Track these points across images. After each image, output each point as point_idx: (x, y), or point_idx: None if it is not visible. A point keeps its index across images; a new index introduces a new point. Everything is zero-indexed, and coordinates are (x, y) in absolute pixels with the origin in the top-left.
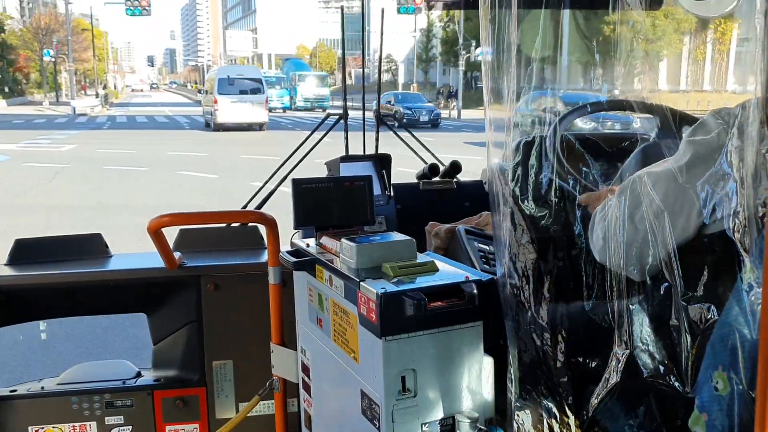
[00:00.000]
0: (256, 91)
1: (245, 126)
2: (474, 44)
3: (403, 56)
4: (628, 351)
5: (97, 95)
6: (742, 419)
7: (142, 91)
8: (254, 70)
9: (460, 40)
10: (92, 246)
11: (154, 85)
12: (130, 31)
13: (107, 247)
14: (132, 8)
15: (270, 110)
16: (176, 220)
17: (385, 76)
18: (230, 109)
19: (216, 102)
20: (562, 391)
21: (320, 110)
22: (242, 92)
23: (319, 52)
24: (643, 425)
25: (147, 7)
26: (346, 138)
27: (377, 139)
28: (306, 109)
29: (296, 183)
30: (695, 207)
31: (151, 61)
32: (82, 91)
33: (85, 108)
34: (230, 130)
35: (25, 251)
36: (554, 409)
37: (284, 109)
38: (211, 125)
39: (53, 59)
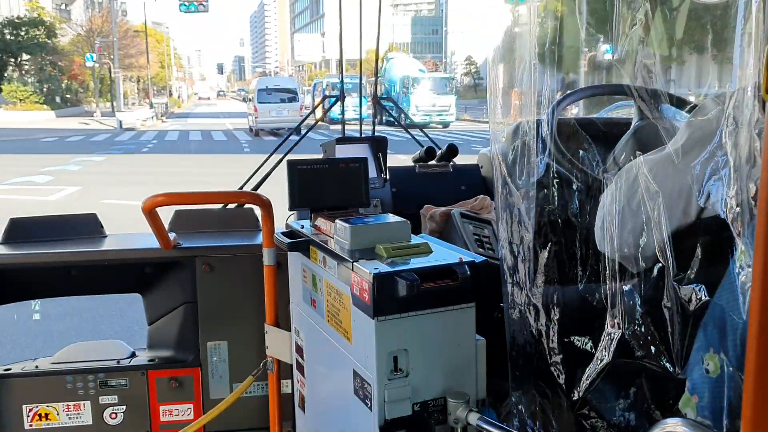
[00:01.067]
0: (291, 99)
1: (283, 132)
2: (601, 40)
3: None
4: (620, 331)
5: (151, 105)
6: (732, 402)
7: (208, 99)
8: (290, 81)
9: (582, 35)
10: (87, 226)
11: (221, 93)
12: (200, 38)
13: (102, 227)
14: (186, 3)
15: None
16: (171, 200)
17: (466, 79)
18: (267, 115)
19: (256, 110)
20: (555, 371)
21: (441, 127)
22: (282, 101)
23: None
24: (633, 406)
25: (204, 3)
26: (343, 120)
27: (374, 123)
28: (424, 126)
29: (291, 164)
30: (694, 190)
31: (220, 69)
32: (146, 100)
33: (135, 121)
34: (270, 134)
35: (19, 230)
36: (547, 390)
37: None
38: (253, 130)
39: (97, 64)
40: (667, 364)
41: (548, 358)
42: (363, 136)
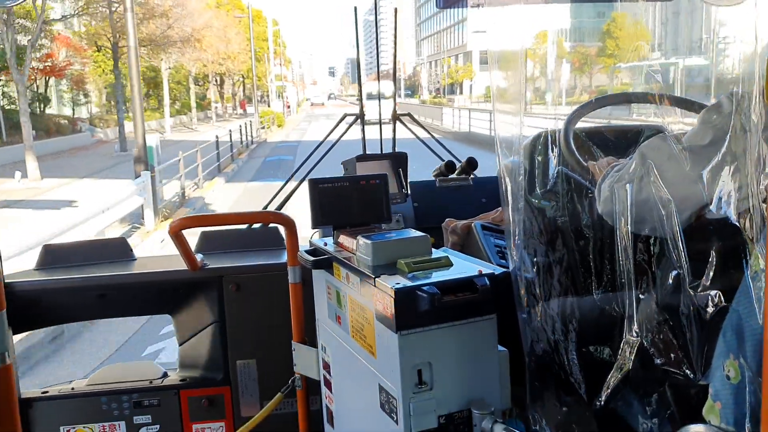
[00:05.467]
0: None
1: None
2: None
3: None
4: (638, 340)
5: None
6: (754, 407)
7: (322, 104)
8: (389, 85)
9: None
10: (117, 250)
11: (332, 95)
12: (312, 42)
13: (131, 250)
14: None
15: None
16: (196, 222)
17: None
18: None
19: (364, 106)
20: (574, 381)
21: None
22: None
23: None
24: (657, 413)
25: None
26: (363, 138)
27: (394, 139)
28: None
29: (313, 183)
30: (700, 190)
31: (331, 72)
32: (240, 110)
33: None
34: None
35: (53, 256)
36: (569, 399)
37: None
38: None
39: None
40: (688, 371)
41: (567, 368)
42: (383, 152)
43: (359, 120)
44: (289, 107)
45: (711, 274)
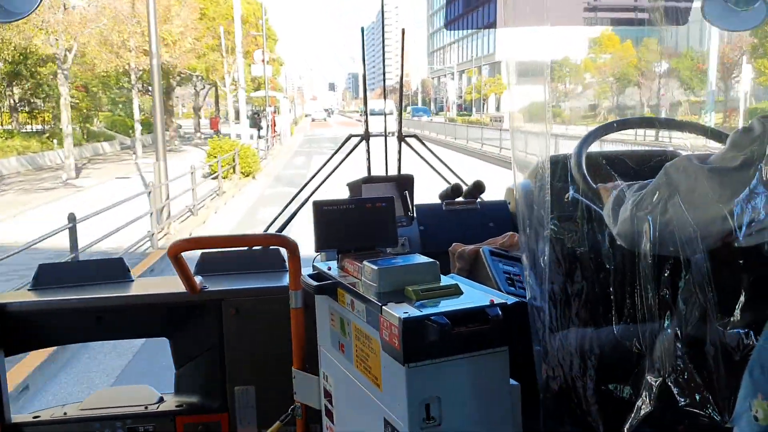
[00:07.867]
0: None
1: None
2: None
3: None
4: (660, 378)
5: None
6: None
7: (324, 120)
8: (390, 103)
9: None
10: (114, 270)
11: (330, 111)
12: (311, 59)
13: (129, 271)
14: None
15: None
16: (196, 244)
17: None
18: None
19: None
20: (592, 420)
21: None
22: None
23: None
24: None
25: None
26: (368, 159)
27: (399, 160)
28: None
29: (317, 205)
30: (726, 215)
31: (331, 87)
32: (211, 130)
33: None
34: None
35: (48, 276)
36: None
37: None
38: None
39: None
40: (712, 412)
41: (584, 405)
42: (389, 175)
43: (364, 141)
44: (277, 133)
45: (739, 307)
